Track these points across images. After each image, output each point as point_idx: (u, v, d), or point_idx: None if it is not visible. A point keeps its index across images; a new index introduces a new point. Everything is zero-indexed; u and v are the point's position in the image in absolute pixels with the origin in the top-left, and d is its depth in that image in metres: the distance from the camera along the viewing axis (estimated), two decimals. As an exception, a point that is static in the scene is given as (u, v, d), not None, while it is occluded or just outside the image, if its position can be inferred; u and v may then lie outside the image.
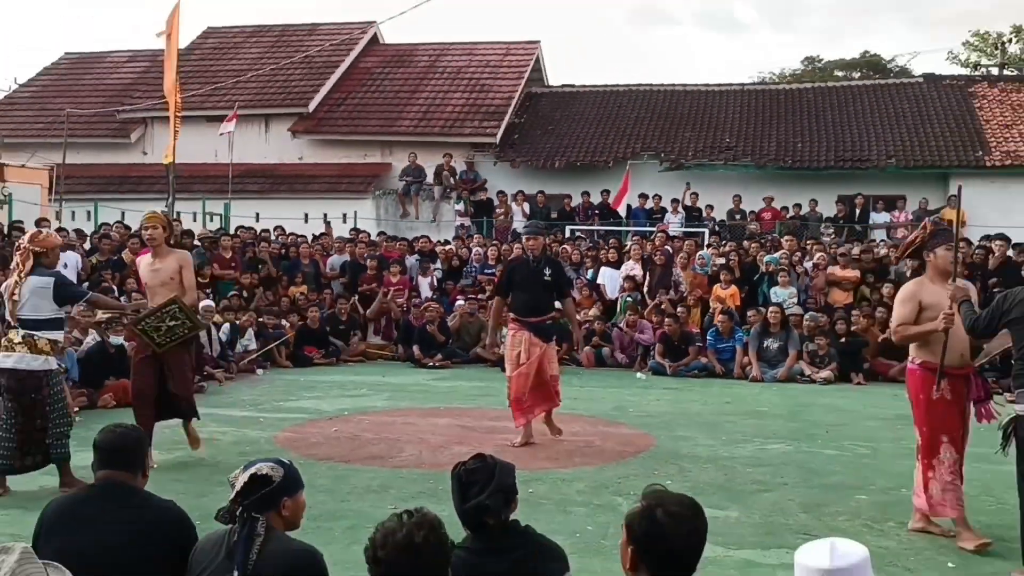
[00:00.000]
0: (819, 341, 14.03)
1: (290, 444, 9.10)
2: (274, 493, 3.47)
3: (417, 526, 2.91)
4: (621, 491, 7.33)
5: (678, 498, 2.94)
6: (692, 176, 23.84)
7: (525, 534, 3.49)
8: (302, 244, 17.91)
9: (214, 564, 3.39)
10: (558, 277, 9.52)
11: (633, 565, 2.91)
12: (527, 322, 9.16)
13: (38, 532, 3.83)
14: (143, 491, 3.97)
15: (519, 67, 28.17)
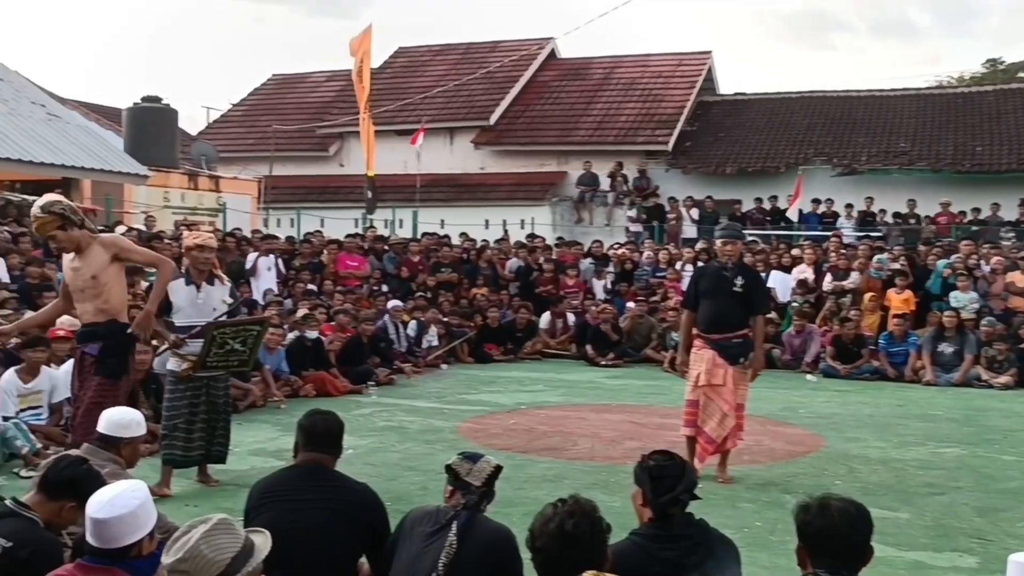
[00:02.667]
0: (998, 346, 13.26)
1: (471, 434, 9.29)
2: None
3: (569, 514, 2.94)
4: (789, 489, 7.16)
5: (844, 498, 2.98)
6: (865, 181, 23.02)
7: (698, 525, 3.47)
8: (482, 249, 18.24)
9: (421, 533, 3.55)
10: (752, 289, 7.71)
11: (802, 562, 2.90)
12: (711, 339, 7.56)
13: (248, 507, 4.04)
14: (340, 473, 4.13)
15: (691, 77, 27.86)
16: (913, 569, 5.47)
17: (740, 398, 7.58)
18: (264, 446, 8.54)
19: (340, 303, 13.74)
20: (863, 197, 21.96)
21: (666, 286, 16.67)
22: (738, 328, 7.57)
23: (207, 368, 6.75)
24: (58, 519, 3.76)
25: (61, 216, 5.96)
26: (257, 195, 23.66)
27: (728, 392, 7.45)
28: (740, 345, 7.59)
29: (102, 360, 6.15)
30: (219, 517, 2.79)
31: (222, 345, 6.70)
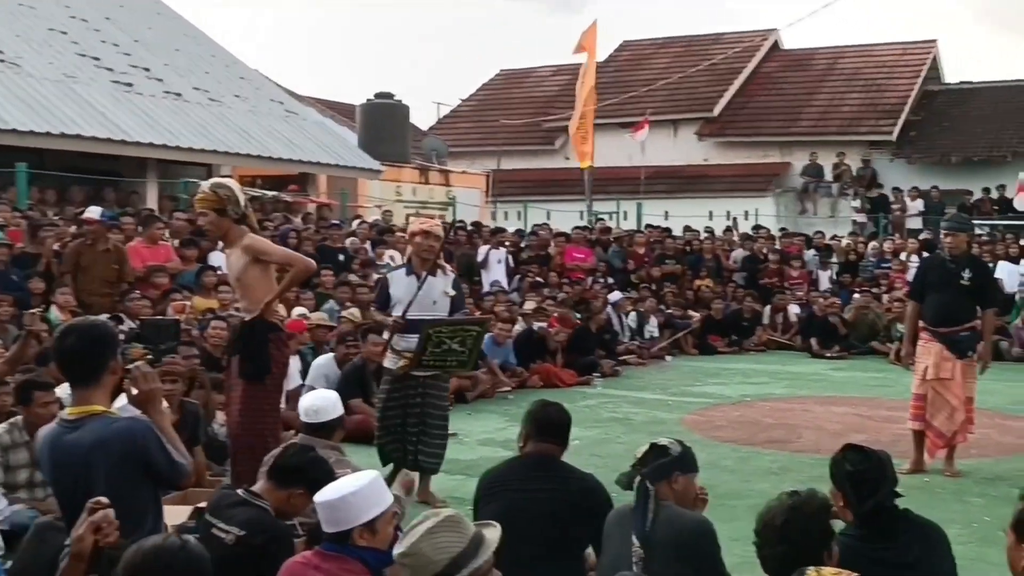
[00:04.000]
0: None
1: (696, 426, 9.30)
2: (668, 465, 3.54)
3: (792, 509, 2.85)
4: (1018, 483, 6.79)
5: None
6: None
7: (907, 519, 3.38)
8: (705, 240, 18.14)
9: (620, 531, 3.49)
10: (981, 281, 7.45)
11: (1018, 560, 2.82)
12: (938, 332, 7.29)
13: (478, 497, 4.14)
14: (567, 464, 4.15)
15: (915, 66, 26.47)
16: None
17: (969, 391, 7.33)
18: (492, 436, 8.68)
19: (567, 295, 13.88)
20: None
21: (891, 277, 16.08)
22: (966, 321, 7.35)
23: (423, 367, 6.19)
24: (287, 507, 3.80)
25: (221, 199, 5.55)
26: (485, 189, 23.88)
27: (956, 386, 7.21)
28: (968, 338, 7.37)
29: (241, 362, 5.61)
30: (447, 513, 2.76)
31: (439, 344, 6.15)
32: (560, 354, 12.19)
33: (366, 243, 14.00)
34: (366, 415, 7.85)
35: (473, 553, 2.67)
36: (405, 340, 6.25)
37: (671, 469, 3.57)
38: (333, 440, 4.75)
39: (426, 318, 6.16)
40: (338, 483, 3.24)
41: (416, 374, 6.23)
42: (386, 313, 6.47)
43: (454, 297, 6.47)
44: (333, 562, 3.16)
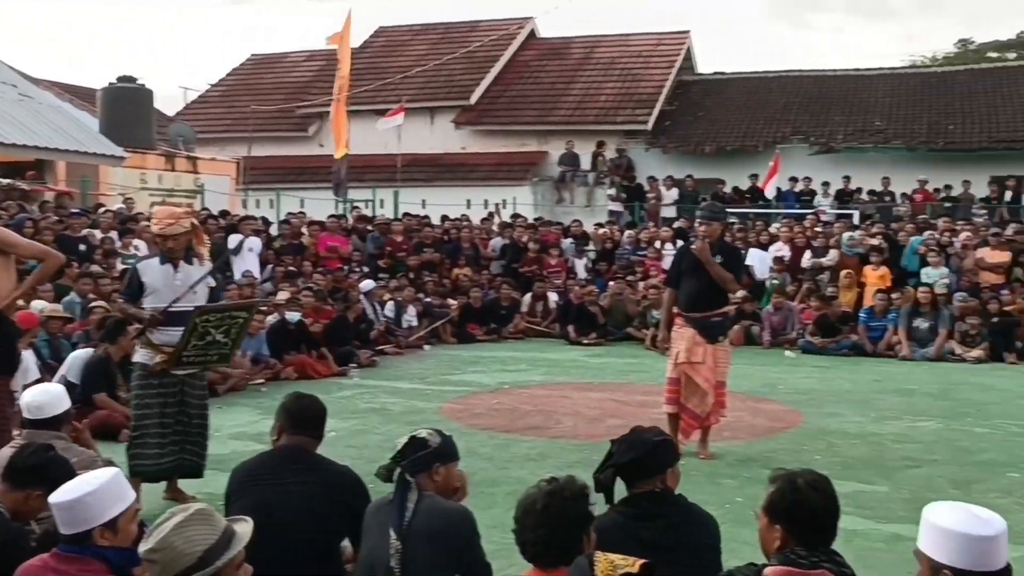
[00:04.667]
0: (971, 321, 13.38)
1: (454, 414, 9.27)
2: (429, 457, 3.53)
3: (551, 494, 2.91)
4: (769, 465, 7.11)
5: (808, 470, 3.00)
6: (842, 159, 23.05)
7: (677, 503, 3.47)
8: (463, 228, 18.18)
9: (378, 524, 3.46)
10: (732, 267, 7.72)
11: (770, 541, 2.88)
12: (691, 317, 7.55)
13: (228, 491, 3.99)
14: (321, 456, 4.08)
15: (670, 56, 27.77)
16: (891, 542, 5.51)
17: (721, 376, 7.62)
18: (245, 430, 8.47)
19: (320, 285, 13.58)
20: (840, 175, 22.02)
21: (647, 265, 16.70)
22: (718, 307, 7.63)
23: (182, 364, 5.96)
24: (24, 508, 3.67)
25: None
26: (236, 176, 23.36)
27: (707, 369, 7.49)
28: (719, 324, 7.69)
29: None
30: (197, 507, 2.73)
31: (203, 335, 5.92)
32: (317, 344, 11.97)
33: (110, 232, 13.49)
34: (111, 410, 8.05)
35: (225, 546, 2.62)
36: (165, 334, 5.99)
37: (431, 461, 3.55)
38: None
39: (189, 310, 5.92)
40: (74, 482, 3.13)
41: (175, 372, 6.01)
42: (137, 304, 6.12)
43: (213, 287, 6.29)
44: (72, 564, 3.04)
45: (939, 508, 2.66)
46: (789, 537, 2.85)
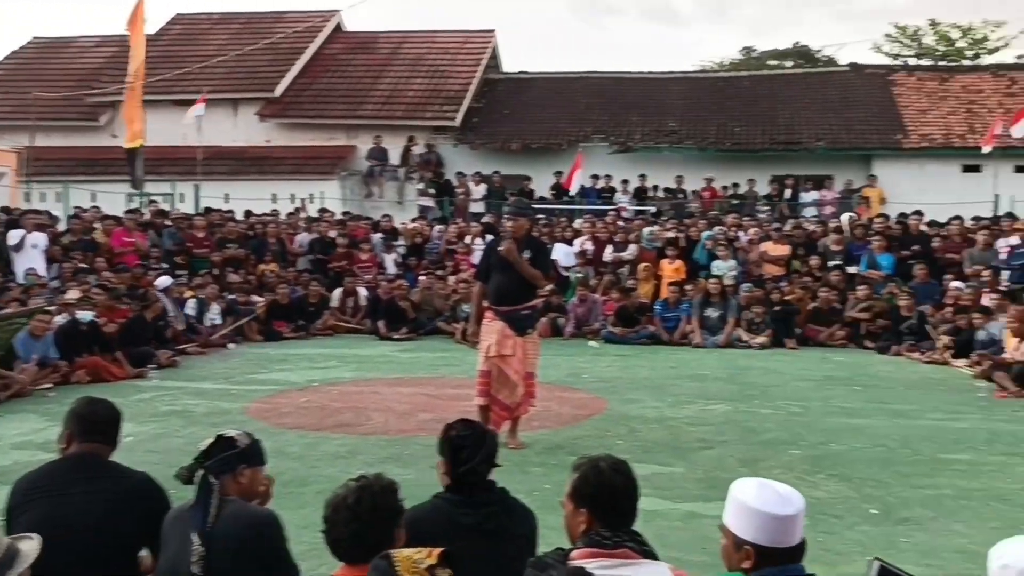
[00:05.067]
0: (755, 310, 14.20)
1: (261, 414, 9.02)
2: (234, 458, 3.40)
3: (361, 489, 2.88)
4: (576, 451, 7.30)
5: (609, 456, 3.08)
6: (639, 158, 23.91)
7: (500, 493, 3.49)
8: (269, 224, 17.75)
9: (178, 529, 3.30)
10: (539, 262, 7.84)
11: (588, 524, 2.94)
12: (500, 311, 7.68)
13: (10, 505, 3.70)
14: (115, 463, 3.83)
15: (477, 54, 28.01)
16: (687, 519, 5.78)
17: (530, 367, 7.78)
18: (30, 438, 7.97)
19: (115, 283, 12.91)
20: (637, 173, 22.88)
21: (456, 259, 16.80)
22: (526, 301, 7.77)
23: None
24: None
25: None
26: (16, 168, 21.67)
27: (517, 361, 7.62)
28: (528, 317, 7.83)
29: None
30: None
31: None
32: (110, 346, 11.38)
33: None
34: None
35: (8, 565, 2.46)
36: None
37: (237, 462, 3.41)
38: None
39: None
40: None
41: None
42: None
43: None
44: None
45: (745, 485, 2.74)
46: (594, 520, 2.92)
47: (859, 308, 14.29)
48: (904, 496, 6.30)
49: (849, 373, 11.71)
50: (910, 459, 7.34)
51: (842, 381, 11.11)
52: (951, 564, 4.94)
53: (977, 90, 25.77)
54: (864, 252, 15.22)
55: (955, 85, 26.15)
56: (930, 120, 24.58)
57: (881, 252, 15.03)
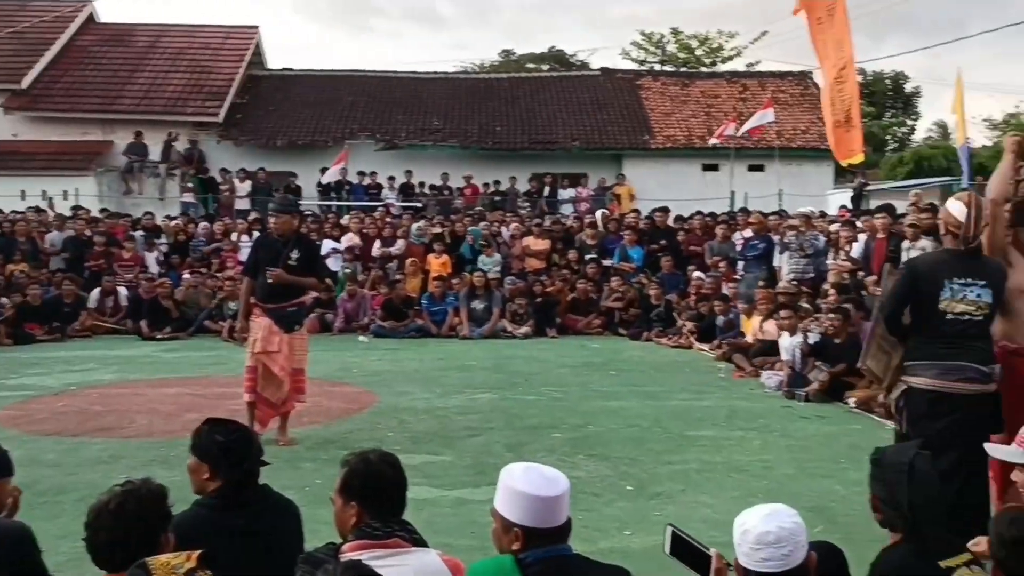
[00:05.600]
0: (519, 301, 14.56)
1: (12, 422, 8.33)
2: None
3: (126, 494, 2.77)
4: (347, 445, 7.27)
5: (377, 449, 3.11)
6: (405, 155, 23.94)
7: (263, 491, 3.42)
8: (18, 222, 16.43)
9: None
10: (308, 260, 7.73)
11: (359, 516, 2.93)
12: (267, 308, 7.52)
13: None
14: None
15: (240, 50, 27.09)
16: (456, 505, 5.85)
17: (298, 363, 7.64)
18: None
19: None
20: (403, 170, 22.90)
21: (223, 256, 16.19)
22: (293, 297, 7.65)
23: None
24: None
25: None
26: None
27: (283, 358, 7.48)
28: (295, 313, 7.71)
29: None
30: None
31: None
32: None
33: None
34: None
35: None
36: None
37: None
38: None
39: None
40: None
41: None
42: None
43: None
44: None
45: (513, 470, 2.79)
46: (364, 512, 2.92)
47: (613, 298, 14.96)
48: (656, 472, 6.65)
49: (605, 359, 12.23)
50: (661, 437, 7.75)
51: (599, 366, 11.60)
52: (699, 533, 5.12)
53: (714, 95, 27.59)
54: (617, 246, 15.95)
55: (695, 90, 27.88)
56: (673, 122, 26.09)
57: (632, 245, 15.80)
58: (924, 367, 4.52)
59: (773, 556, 2.59)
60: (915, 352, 4.57)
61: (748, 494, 5.97)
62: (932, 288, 4.49)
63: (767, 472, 6.69)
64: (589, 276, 15.28)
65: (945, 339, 4.49)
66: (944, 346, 4.48)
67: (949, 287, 4.48)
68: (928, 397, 4.48)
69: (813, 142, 24.83)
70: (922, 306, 4.55)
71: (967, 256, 4.55)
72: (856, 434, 7.96)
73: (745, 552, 2.64)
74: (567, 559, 2.74)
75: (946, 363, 4.47)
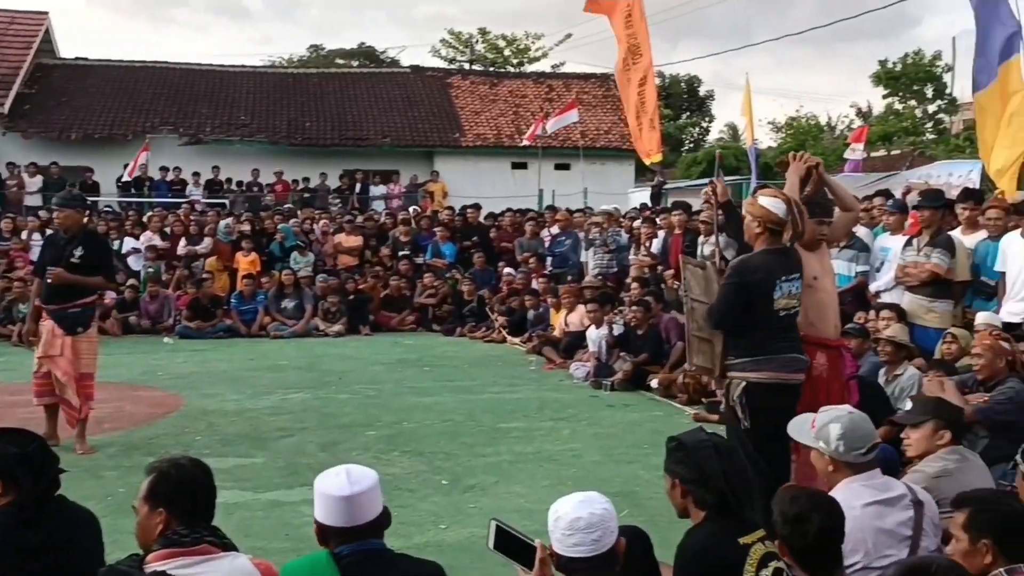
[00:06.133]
0: (331, 299, 14.34)
1: None
2: None
3: None
4: (153, 451, 6.95)
5: (183, 455, 3.06)
6: (211, 150, 23.11)
7: (57, 503, 3.22)
8: None
9: None
10: (95, 258, 7.25)
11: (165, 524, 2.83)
12: (49, 309, 7.14)
13: None
14: None
15: (27, 37, 25.23)
16: (269, 508, 5.71)
17: (86, 368, 7.23)
18: None
19: None
20: (210, 166, 22.08)
21: (11, 256, 15.07)
22: (76, 299, 7.19)
23: None
24: None
25: None
26: None
27: (65, 362, 7.11)
28: (78, 315, 7.23)
29: None
30: None
31: None
32: None
33: None
34: None
35: None
36: None
37: None
38: None
39: None
40: None
41: None
42: None
43: None
44: None
45: (322, 476, 2.83)
46: (172, 519, 2.83)
47: (426, 294, 14.98)
48: (470, 465, 6.72)
49: (419, 355, 12.23)
50: (474, 430, 7.84)
51: (413, 363, 11.59)
52: (512, 522, 5.29)
53: (522, 95, 28.12)
54: (429, 242, 15.97)
55: (503, 90, 28.32)
56: (483, 121, 26.41)
57: (445, 242, 15.86)
58: (763, 362, 4.64)
59: (584, 541, 2.68)
60: (753, 349, 4.68)
61: (559, 482, 6.13)
62: (767, 289, 4.62)
63: (576, 460, 6.89)
64: (402, 273, 15.23)
65: (778, 334, 4.67)
66: (779, 340, 4.66)
67: (779, 286, 4.65)
68: (769, 391, 4.62)
69: (615, 142, 25.77)
70: (758, 308, 4.65)
71: (785, 252, 4.72)
72: (658, 420, 8.32)
73: (558, 538, 2.72)
74: (378, 553, 2.79)
75: (783, 356, 4.66)
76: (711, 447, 3.22)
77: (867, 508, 3.44)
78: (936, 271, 7.48)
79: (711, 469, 3.15)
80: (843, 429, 3.55)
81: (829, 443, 3.58)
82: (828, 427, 3.60)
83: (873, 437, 3.60)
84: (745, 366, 4.69)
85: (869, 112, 35.18)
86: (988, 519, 2.95)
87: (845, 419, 3.60)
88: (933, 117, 33.56)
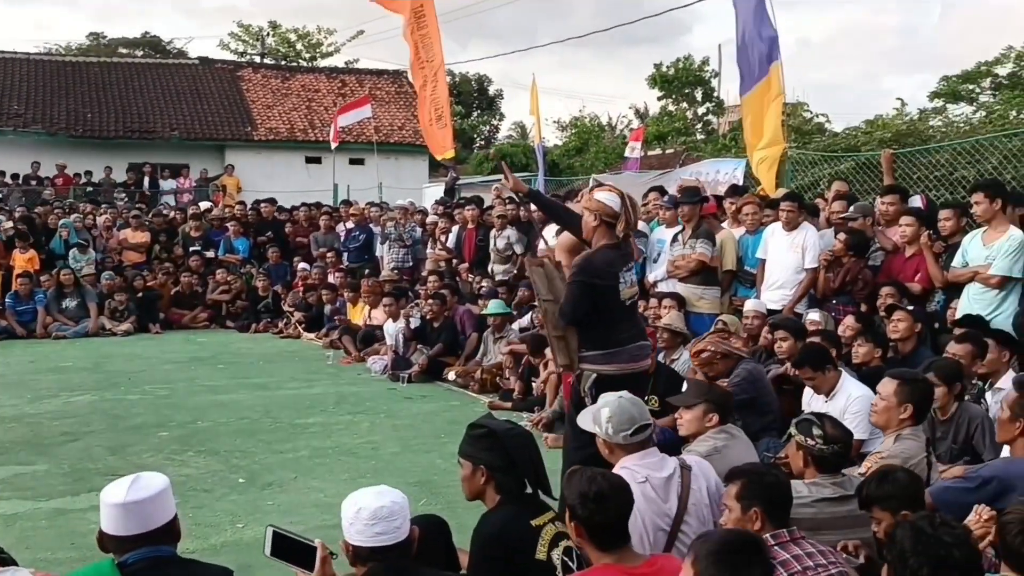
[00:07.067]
0: (118, 297, 13.58)
1: None
2: None
3: None
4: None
5: None
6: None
7: None
8: None
9: None
10: None
11: None
12: None
13: None
14: None
15: None
16: (53, 517, 5.35)
17: None
18: None
19: None
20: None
21: None
22: None
23: None
24: None
25: None
26: None
27: None
28: None
29: None
30: None
31: None
32: None
33: None
34: None
35: None
36: None
37: None
38: None
39: None
40: None
41: None
42: None
43: None
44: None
45: (108, 487, 2.72)
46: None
47: (219, 291, 14.45)
48: (268, 462, 6.57)
49: (213, 352, 11.81)
50: (271, 427, 7.66)
51: (206, 361, 11.17)
52: (311, 518, 5.26)
53: (315, 89, 27.64)
54: (222, 238, 15.40)
55: (296, 84, 27.73)
56: (275, 115, 25.78)
57: (238, 237, 15.34)
58: (613, 355, 4.66)
59: (387, 530, 2.74)
60: (603, 341, 4.68)
61: (358, 475, 6.11)
62: (612, 283, 4.65)
63: (375, 452, 6.88)
64: (193, 269, 14.63)
65: (624, 324, 4.73)
66: (624, 331, 4.71)
67: (623, 276, 4.71)
68: (617, 381, 4.56)
69: (409, 138, 25.78)
70: (607, 303, 4.66)
71: (619, 245, 4.73)
72: (455, 410, 8.43)
73: (359, 529, 2.74)
74: (167, 560, 2.73)
75: (631, 347, 4.72)
76: (521, 435, 3.32)
77: (642, 485, 3.61)
78: (702, 259, 8.00)
79: (520, 457, 3.24)
80: (611, 412, 3.67)
81: (602, 427, 3.72)
82: (600, 412, 3.73)
83: (641, 419, 3.68)
84: (596, 359, 4.69)
85: (646, 113, 36.77)
86: (758, 490, 3.18)
87: (614, 404, 3.71)
88: (703, 119, 35.51)
